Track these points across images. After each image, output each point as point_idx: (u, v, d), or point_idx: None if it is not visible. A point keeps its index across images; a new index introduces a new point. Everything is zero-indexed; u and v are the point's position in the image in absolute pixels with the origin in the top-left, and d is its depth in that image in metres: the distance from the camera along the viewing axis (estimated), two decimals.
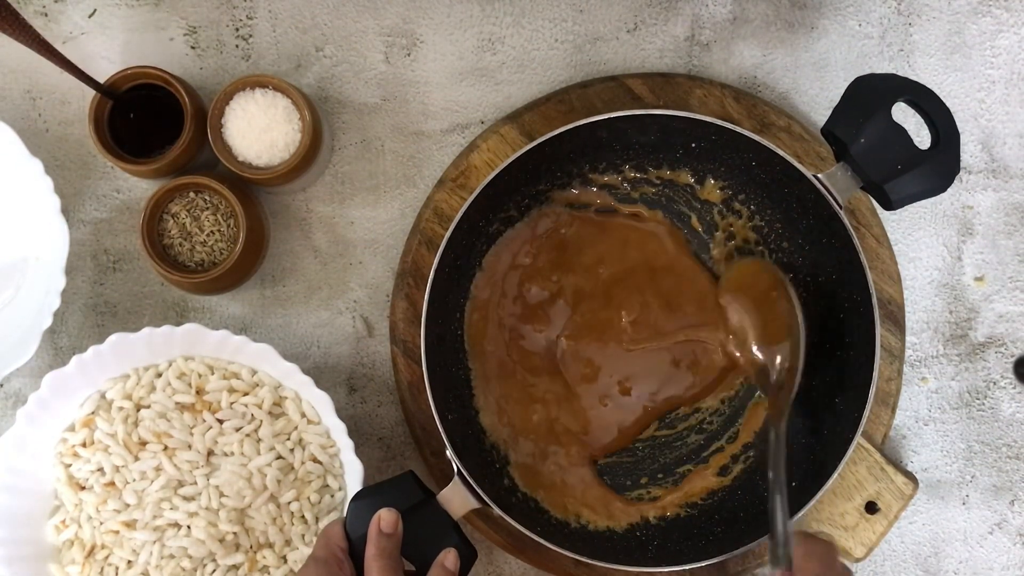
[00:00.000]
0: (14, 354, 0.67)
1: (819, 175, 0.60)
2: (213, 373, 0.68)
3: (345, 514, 0.59)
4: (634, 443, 0.71)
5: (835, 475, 0.62)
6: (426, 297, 0.63)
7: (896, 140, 0.58)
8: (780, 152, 0.61)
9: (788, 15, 0.73)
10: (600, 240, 0.70)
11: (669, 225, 0.70)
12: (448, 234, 0.63)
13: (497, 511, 0.61)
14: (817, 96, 0.73)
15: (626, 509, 0.69)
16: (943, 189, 0.59)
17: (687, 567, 0.63)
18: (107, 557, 0.67)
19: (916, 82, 0.59)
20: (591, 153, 0.68)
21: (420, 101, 0.73)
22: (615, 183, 0.70)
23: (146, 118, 0.68)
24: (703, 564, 0.63)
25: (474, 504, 0.60)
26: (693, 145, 0.66)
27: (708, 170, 0.68)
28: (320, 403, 0.66)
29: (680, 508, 0.69)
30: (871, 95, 0.58)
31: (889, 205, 0.59)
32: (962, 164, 0.72)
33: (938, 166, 0.58)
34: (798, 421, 0.68)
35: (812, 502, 0.62)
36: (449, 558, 0.57)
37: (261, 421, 0.67)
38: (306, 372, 0.65)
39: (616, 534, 0.68)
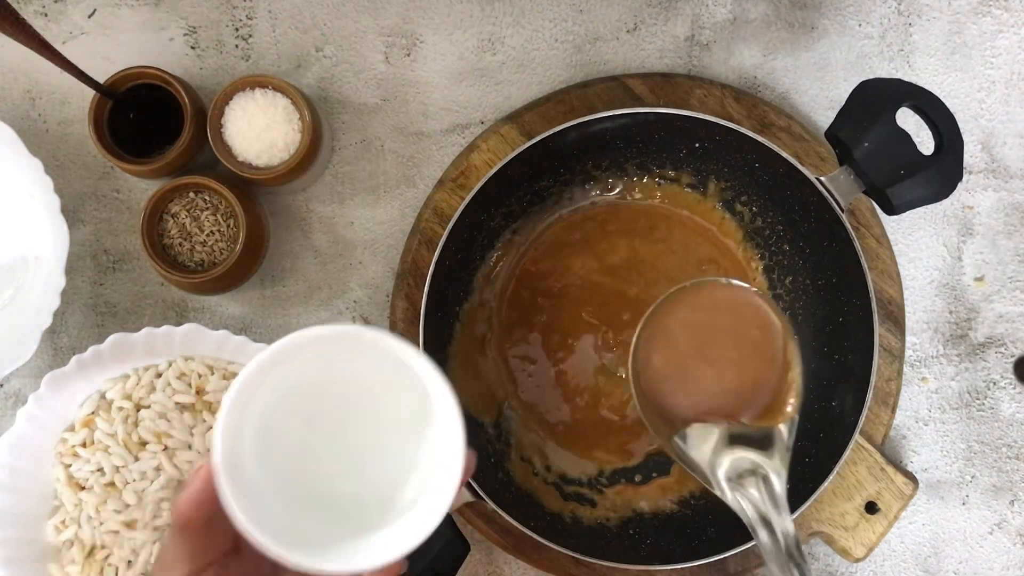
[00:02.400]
0: (14, 354, 0.67)
1: (822, 178, 0.60)
2: (213, 373, 0.68)
3: None
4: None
5: (833, 474, 0.62)
6: (425, 294, 0.63)
7: (900, 145, 0.58)
8: (783, 154, 0.61)
9: (788, 15, 0.73)
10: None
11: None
12: (447, 233, 0.63)
13: (491, 504, 0.61)
14: (817, 96, 0.73)
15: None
16: (945, 195, 0.59)
17: (679, 566, 0.64)
18: (107, 557, 0.67)
19: (921, 87, 0.58)
20: (594, 151, 0.68)
21: (420, 101, 0.73)
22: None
23: (146, 118, 0.68)
24: (696, 564, 0.64)
25: (468, 497, 0.60)
26: (696, 145, 0.66)
27: (711, 171, 0.68)
28: None
29: (674, 505, 0.69)
30: (876, 99, 0.58)
31: (891, 210, 0.59)
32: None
33: (941, 172, 0.58)
34: (797, 422, 0.68)
35: (810, 501, 0.62)
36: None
37: None
38: None
39: (609, 531, 0.69)
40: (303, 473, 0.43)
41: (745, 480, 0.50)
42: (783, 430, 0.52)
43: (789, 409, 0.52)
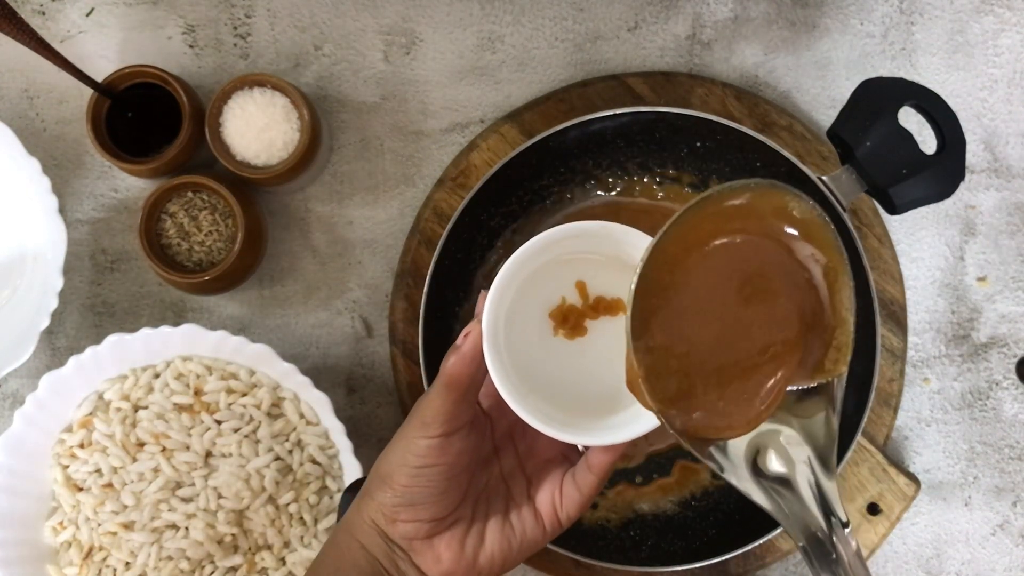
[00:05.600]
0: (11, 355, 0.66)
1: (823, 177, 0.60)
2: (211, 374, 0.67)
3: (339, 507, 0.59)
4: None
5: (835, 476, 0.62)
6: (424, 294, 0.63)
7: (902, 144, 0.57)
8: (785, 153, 0.61)
9: (790, 14, 0.72)
10: None
11: None
12: (446, 233, 0.63)
13: None
14: (819, 95, 0.73)
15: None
16: (948, 195, 0.58)
17: (681, 568, 0.63)
18: (105, 559, 0.67)
19: (923, 86, 0.58)
20: (594, 150, 0.68)
21: (419, 100, 0.72)
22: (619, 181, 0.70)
23: (144, 117, 0.68)
24: (697, 566, 0.63)
25: None
26: (698, 144, 0.66)
27: (712, 170, 0.68)
28: (319, 404, 0.65)
29: (675, 506, 0.69)
30: (878, 98, 0.58)
31: (893, 209, 0.59)
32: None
33: (943, 172, 0.58)
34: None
35: None
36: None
37: (259, 422, 0.67)
38: (305, 373, 0.65)
39: (610, 532, 0.69)
40: (537, 364, 0.48)
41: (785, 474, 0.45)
42: (832, 389, 0.45)
43: (838, 364, 0.44)
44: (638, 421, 0.46)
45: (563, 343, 0.49)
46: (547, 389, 0.48)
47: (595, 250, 0.48)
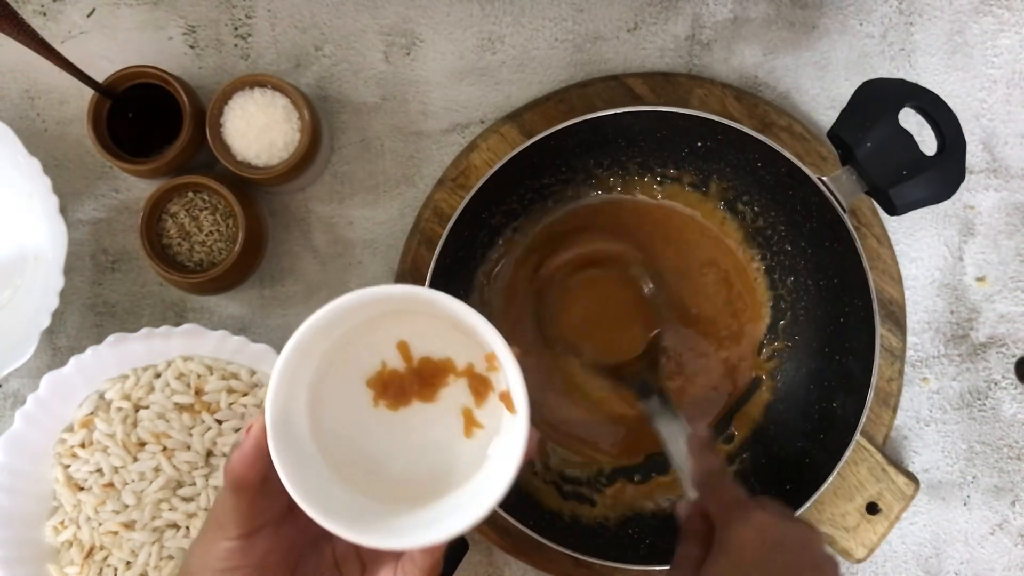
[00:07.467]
0: (12, 354, 0.66)
1: (823, 178, 0.60)
2: (212, 373, 0.67)
3: None
4: None
5: (833, 475, 0.62)
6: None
7: (902, 145, 0.57)
8: (785, 154, 0.61)
9: (789, 14, 0.73)
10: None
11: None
12: (446, 233, 0.63)
13: None
14: (818, 96, 0.73)
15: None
16: (947, 196, 0.59)
17: None
18: (106, 558, 0.67)
19: (923, 88, 0.58)
20: (595, 149, 0.68)
21: (420, 100, 0.72)
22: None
23: (145, 117, 0.68)
24: None
25: None
26: (699, 144, 0.66)
27: (713, 170, 0.68)
28: None
29: (674, 504, 0.69)
30: (878, 99, 0.58)
31: (893, 210, 0.59)
32: None
33: (943, 173, 0.58)
34: (798, 422, 0.68)
35: (810, 502, 0.62)
36: None
37: None
38: None
39: (608, 530, 0.69)
40: (353, 443, 0.42)
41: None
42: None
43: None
44: (467, 508, 0.39)
45: (386, 414, 0.42)
46: (365, 473, 0.41)
47: (410, 310, 0.42)
